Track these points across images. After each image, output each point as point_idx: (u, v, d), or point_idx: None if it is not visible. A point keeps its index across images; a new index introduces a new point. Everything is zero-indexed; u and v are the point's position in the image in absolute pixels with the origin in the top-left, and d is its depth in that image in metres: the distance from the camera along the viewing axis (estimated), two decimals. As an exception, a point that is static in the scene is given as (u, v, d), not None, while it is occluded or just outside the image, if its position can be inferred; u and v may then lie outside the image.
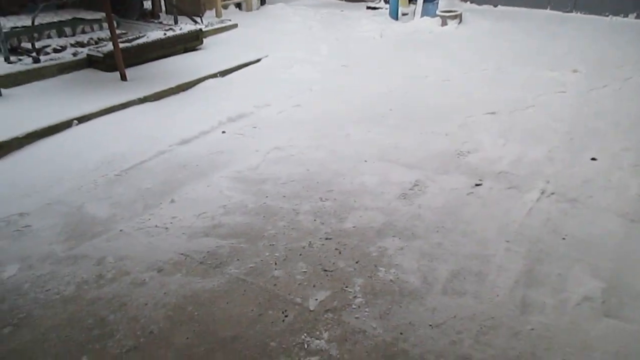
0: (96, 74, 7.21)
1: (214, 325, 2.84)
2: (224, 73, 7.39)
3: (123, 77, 6.89)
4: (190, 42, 8.53)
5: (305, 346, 2.68)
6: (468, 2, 11.77)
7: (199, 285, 3.14)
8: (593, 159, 4.60)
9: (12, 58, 6.86)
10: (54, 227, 3.80)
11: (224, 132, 5.44)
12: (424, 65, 7.65)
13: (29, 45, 7.23)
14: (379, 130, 5.36)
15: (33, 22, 7.35)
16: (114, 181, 4.46)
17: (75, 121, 5.60)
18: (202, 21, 9.74)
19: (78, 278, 3.24)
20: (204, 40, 8.87)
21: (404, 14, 10.62)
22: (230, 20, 10.28)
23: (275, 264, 3.31)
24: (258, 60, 8.00)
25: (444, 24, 9.79)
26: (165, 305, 3.00)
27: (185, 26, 8.73)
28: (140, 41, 7.72)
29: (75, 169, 4.65)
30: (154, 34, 8.06)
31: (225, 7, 11.41)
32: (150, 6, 10.29)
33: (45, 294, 3.11)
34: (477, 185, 4.21)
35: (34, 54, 7.01)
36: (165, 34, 8.12)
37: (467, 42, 8.92)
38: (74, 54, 7.43)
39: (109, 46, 7.12)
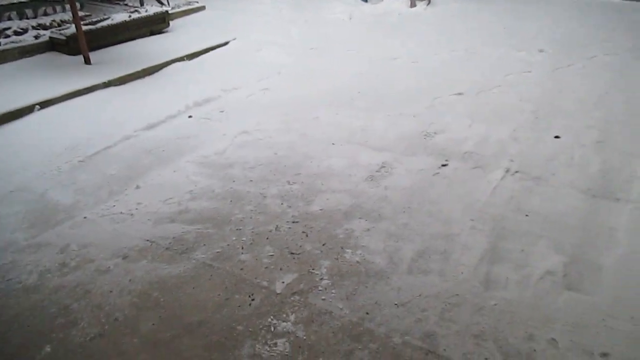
0: (59, 57, 7.04)
1: (180, 311, 2.82)
2: (191, 56, 7.28)
3: (87, 61, 6.74)
4: (157, 25, 8.36)
5: (272, 329, 2.69)
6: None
7: (165, 271, 3.12)
8: (557, 137, 4.68)
9: (-30, 42, 6.65)
10: (17, 215, 3.73)
11: (190, 116, 5.37)
12: (393, 47, 7.65)
13: (-13, 29, 7.02)
14: (347, 113, 5.36)
15: (-9, 4, 7.12)
16: (78, 167, 4.38)
17: (38, 106, 5.47)
18: (168, 3, 9.55)
19: (41, 266, 3.19)
20: (171, 22, 8.71)
21: (373, -5, 10.56)
22: (197, 1, 10.10)
23: (242, 248, 3.30)
24: (226, 43, 7.89)
25: (412, 5, 9.78)
26: (130, 292, 2.97)
27: (151, 8, 8.56)
28: (104, 23, 7.55)
29: (38, 155, 4.55)
30: (119, 16, 7.88)
31: (193, -12, 11.19)
32: (115, -12, 10.03)
33: (6, 283, 3.06)
34: (443, 165, 4.25)
35: (-7, 38, 6.80)
36: (130, 16, 7.94)
37: (435, 23, 8.94)
38: (36, 37, 7.24)
39: (72, 28, 6.94)
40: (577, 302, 2.82)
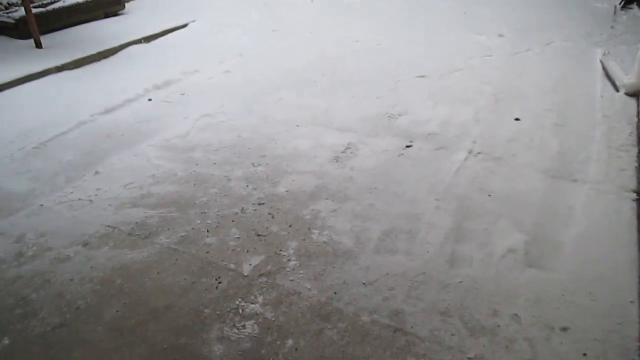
0: (8, 41, 6.75)
1: (145, 297, 2.76)
2: (148, 39, 7.08)
3: (38, 45, 6.47)
4: (111, 7, 8.09)
5: (240, 311, 2.66)
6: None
7: (127, 257, 3.04)
8: (517, 119, 4.77)
9: None
10: (-33, 205, 3.57)
11: (150, 99, 5.23)
12: (355, 30, 7.62)
13: None
14: (311, 95, 5.33)
15: None
16: (32, 154, 4.21)
17: (-14, 91, 5.23)
18: (123, -16, 9.24)
19: (-5, 257, 3.06)
20: (126, 4, 8.45)
21: (334, -21, 10.47)
22: (154, -17, 9.80)
23: (207, 231, 3.25)
24: (185, 25, 7.71)
25: (374, -12, 9.75)
26: (92, 279, 2.88)
27: (106, -11, 8.26)
28: (55, 6, 7.26)
29: (-12, 142, 4.36)
30: (71, -2, 7.59)
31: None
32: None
33: (-41, 274, 2.92)
34: (407, 146, 4.28)
35: None
36: (83, -2, 7.66)
37: (398, 6, 8.93)
38: (-18, 20, 6.90)
39: (21, 11, 6.65)
40: (538, 279, 2.89)
